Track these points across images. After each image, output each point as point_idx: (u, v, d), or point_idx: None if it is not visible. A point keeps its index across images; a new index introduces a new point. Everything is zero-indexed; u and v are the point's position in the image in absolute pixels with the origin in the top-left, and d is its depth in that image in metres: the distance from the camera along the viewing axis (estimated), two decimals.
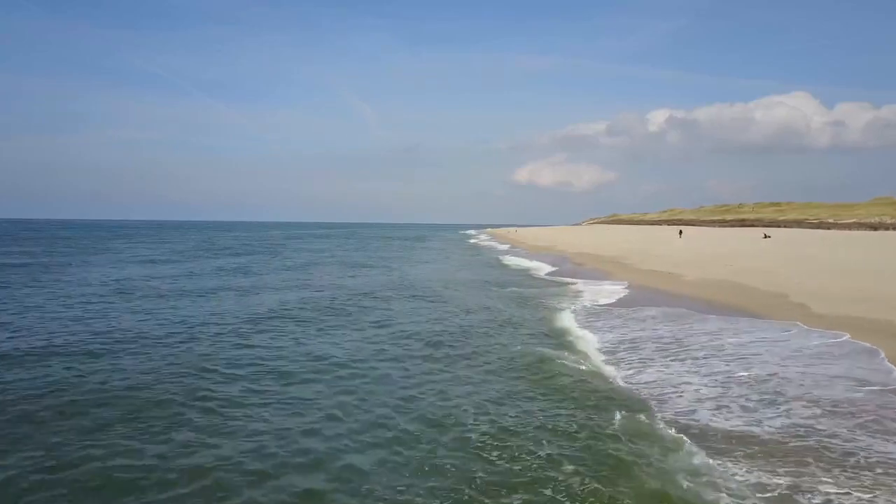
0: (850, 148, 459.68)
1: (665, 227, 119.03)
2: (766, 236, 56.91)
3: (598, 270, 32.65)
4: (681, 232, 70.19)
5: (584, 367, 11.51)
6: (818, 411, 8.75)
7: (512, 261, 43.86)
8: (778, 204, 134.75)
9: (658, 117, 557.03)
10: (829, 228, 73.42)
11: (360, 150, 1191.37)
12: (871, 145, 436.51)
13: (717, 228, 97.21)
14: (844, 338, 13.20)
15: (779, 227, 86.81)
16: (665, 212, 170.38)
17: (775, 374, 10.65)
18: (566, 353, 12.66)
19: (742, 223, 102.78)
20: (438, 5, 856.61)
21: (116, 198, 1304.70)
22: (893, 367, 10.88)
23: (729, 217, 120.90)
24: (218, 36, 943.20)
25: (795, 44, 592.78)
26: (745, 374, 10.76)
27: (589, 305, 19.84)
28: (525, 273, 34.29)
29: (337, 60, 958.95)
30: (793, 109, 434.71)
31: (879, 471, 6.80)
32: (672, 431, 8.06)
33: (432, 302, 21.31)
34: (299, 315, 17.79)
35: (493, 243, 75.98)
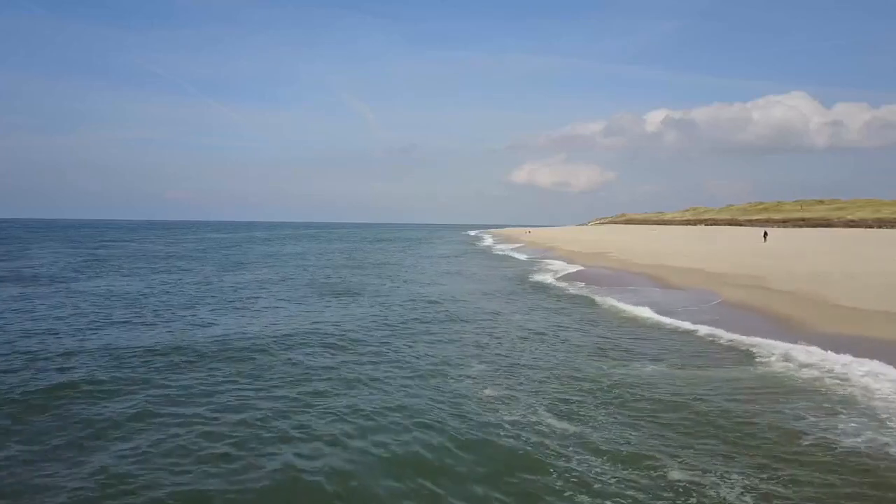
0: (849, 148, 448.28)
1: (704, 228, 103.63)
2: None
3: (777, 315, 16.70)
4: (765, 234, 54.31)
5: None
6: None
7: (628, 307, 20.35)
8: (821, 201, 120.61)
9: (655, 118, 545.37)
10: None
11: (360, 150, 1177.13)
12: (870, 145, 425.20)
13: (778, 229, 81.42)
14: None
15: (863, 227, 71.47)
16: (688, 210, 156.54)
17: None
18: None
19: (803, 222, 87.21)
20: (438, 5, 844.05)
21: (117, 197, 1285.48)
22: None
23: (776, 217, 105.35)
24: (218, 36, 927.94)
25: (794, 44, 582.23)
26: None
27: None
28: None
29: (337, 60, 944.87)
30: (791, 109, 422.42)
31: None
32: None
33: None
34: None
35: (523, 253, 55.53)
